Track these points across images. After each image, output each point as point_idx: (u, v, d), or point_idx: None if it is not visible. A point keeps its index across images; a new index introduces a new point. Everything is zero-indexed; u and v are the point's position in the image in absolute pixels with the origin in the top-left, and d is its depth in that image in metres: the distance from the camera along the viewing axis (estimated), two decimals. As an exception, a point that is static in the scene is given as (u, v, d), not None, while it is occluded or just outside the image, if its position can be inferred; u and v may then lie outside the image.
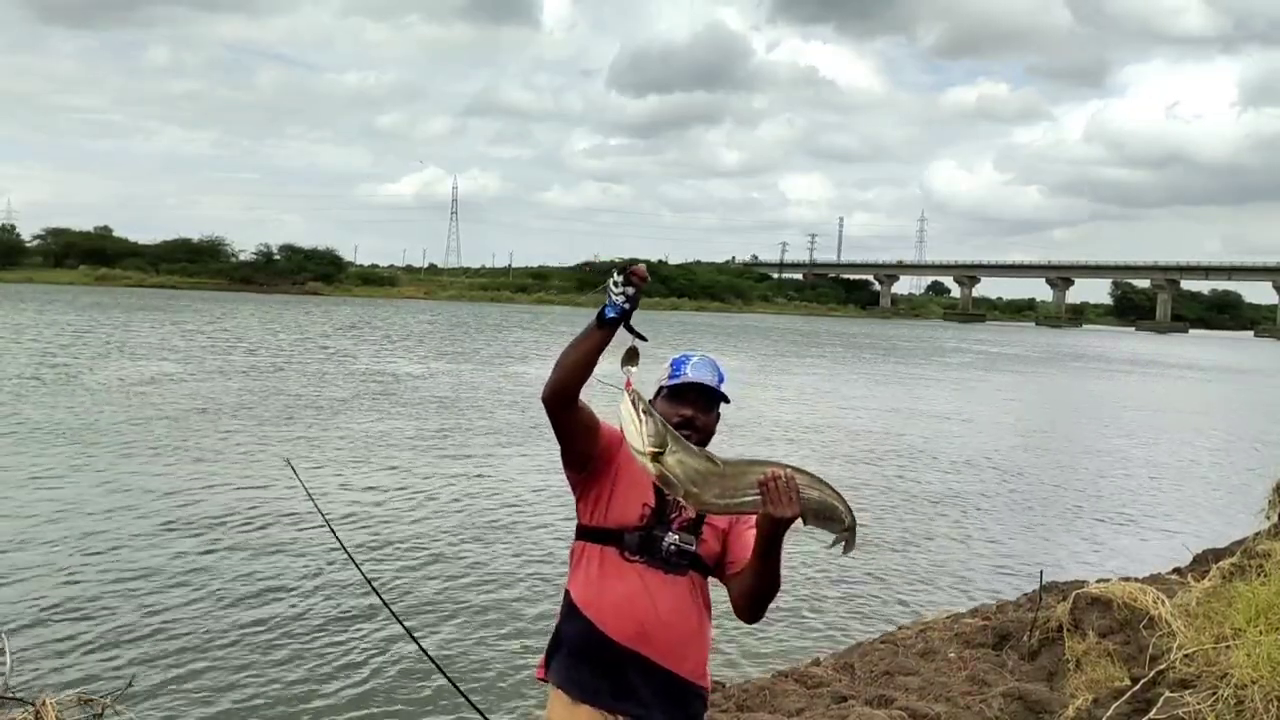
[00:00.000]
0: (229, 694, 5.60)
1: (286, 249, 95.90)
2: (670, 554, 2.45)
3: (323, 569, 7.95)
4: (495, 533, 9.45)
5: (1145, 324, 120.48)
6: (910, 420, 20.54)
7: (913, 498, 12.27)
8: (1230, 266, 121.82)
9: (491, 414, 17.59)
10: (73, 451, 12.14)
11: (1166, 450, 18.27)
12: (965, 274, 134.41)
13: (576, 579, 2.55)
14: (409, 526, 9.49)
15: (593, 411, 2.55)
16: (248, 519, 9.34)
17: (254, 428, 14.65)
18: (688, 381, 2.58)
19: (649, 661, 2.43)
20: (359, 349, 31.25)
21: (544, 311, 78.71)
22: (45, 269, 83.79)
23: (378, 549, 8.63)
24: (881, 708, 4.50)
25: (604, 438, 2.54)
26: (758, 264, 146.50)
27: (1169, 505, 12.91)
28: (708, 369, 2.64)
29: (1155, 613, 4.72)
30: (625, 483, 2.49)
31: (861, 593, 8.26)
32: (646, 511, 2.47)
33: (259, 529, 9.04)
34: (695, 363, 2.64)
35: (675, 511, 2.47)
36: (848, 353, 45.91)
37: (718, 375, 2.65)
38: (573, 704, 2.47)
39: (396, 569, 8.10)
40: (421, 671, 6.07)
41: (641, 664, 2.43)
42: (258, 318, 46.47)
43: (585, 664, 2.47)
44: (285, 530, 9.03)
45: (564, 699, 2.49)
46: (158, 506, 9.64)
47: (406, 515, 9.92)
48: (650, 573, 2.45)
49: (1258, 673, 3.42)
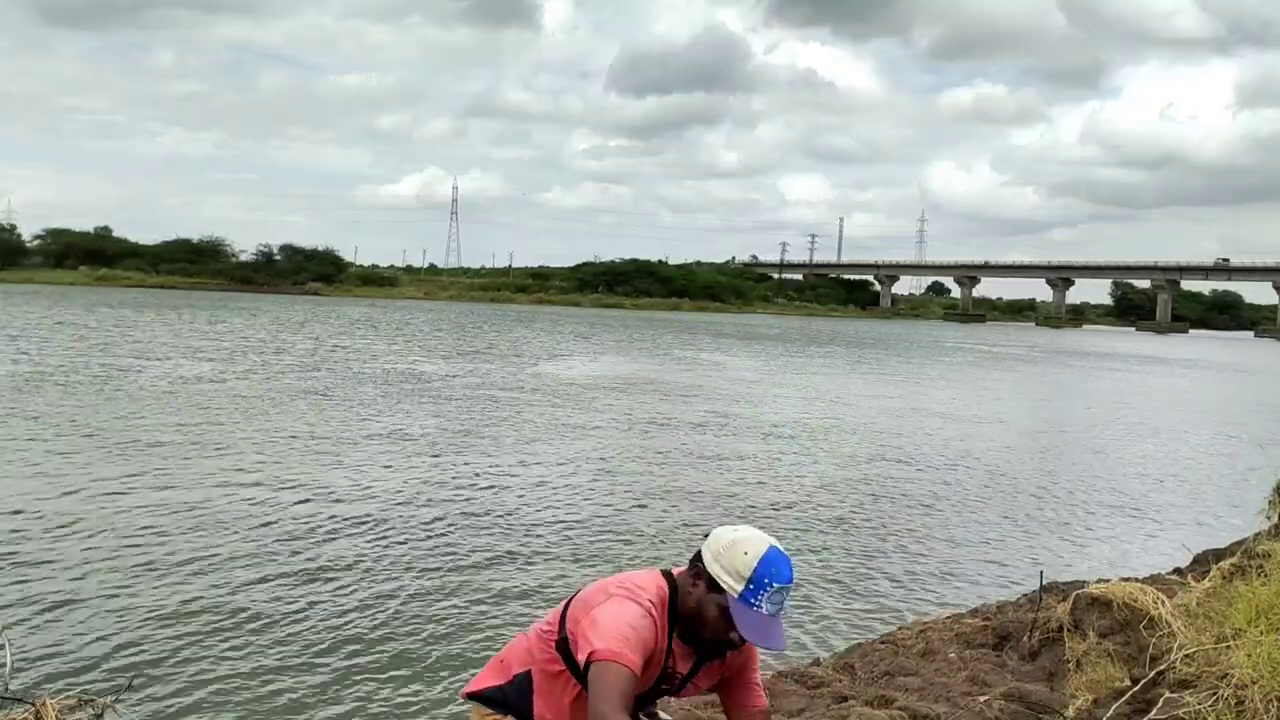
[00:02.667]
0: (229, 694, 5.59)
1: (287, 249, 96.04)
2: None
3: (326, 569, 7.96)
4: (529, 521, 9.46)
5: (1145, 324, 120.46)
6: (910, 419, 20.55)
7: (913, 497, 12.26)
8: (1230, 267, 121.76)
9: (523, 409, 17.62)
10: (73, 451, 12.14)
11: (1167, 449, 18.28)
12: (965, 274, 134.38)
13: (547, 696, 2.38)
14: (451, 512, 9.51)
15: (634, 688, 2.19)
16: (249, 518, 9.34)
17: (258, 426, 14.66)
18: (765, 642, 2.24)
19: None
20: (381, 348, 31.28)
21: (546, 311, 78.75)
22: (45, 269, 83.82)
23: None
24: (881, 708, 4.50)
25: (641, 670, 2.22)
26: (758, 264, 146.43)
27: (1169, 505, 12.91)
28: (780, 621, 2.24)
29: (1155, 613, 4.71)
30: (647, 669, 2.27)
31: (861, 593, 8.27)
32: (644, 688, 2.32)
33: (261, 529, 9.04)
34: (768, 612, 2.20)
35: (666, 685, 2.37)
36: (849, 351, 45.93)
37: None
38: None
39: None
40: (430, 675, 6.08)
41: None
42: (269, 316, 46.53)
43: None
44: (287, 530, 9.04)
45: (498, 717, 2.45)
46: (158, 506, 9.63)
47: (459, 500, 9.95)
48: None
49: (1258, 673, 3.41)
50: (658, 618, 2.24)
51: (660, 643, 2.26)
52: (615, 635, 2.16)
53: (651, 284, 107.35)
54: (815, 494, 11.96)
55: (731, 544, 2.22)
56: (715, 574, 2.21)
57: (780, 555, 2.21)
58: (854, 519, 10.88)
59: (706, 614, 2.23)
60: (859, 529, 10.46)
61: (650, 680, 2.31)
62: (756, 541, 2.22)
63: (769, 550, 2.21)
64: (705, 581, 2.23)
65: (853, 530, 10.39)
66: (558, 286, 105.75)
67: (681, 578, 2.32)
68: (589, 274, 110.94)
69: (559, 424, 16.93)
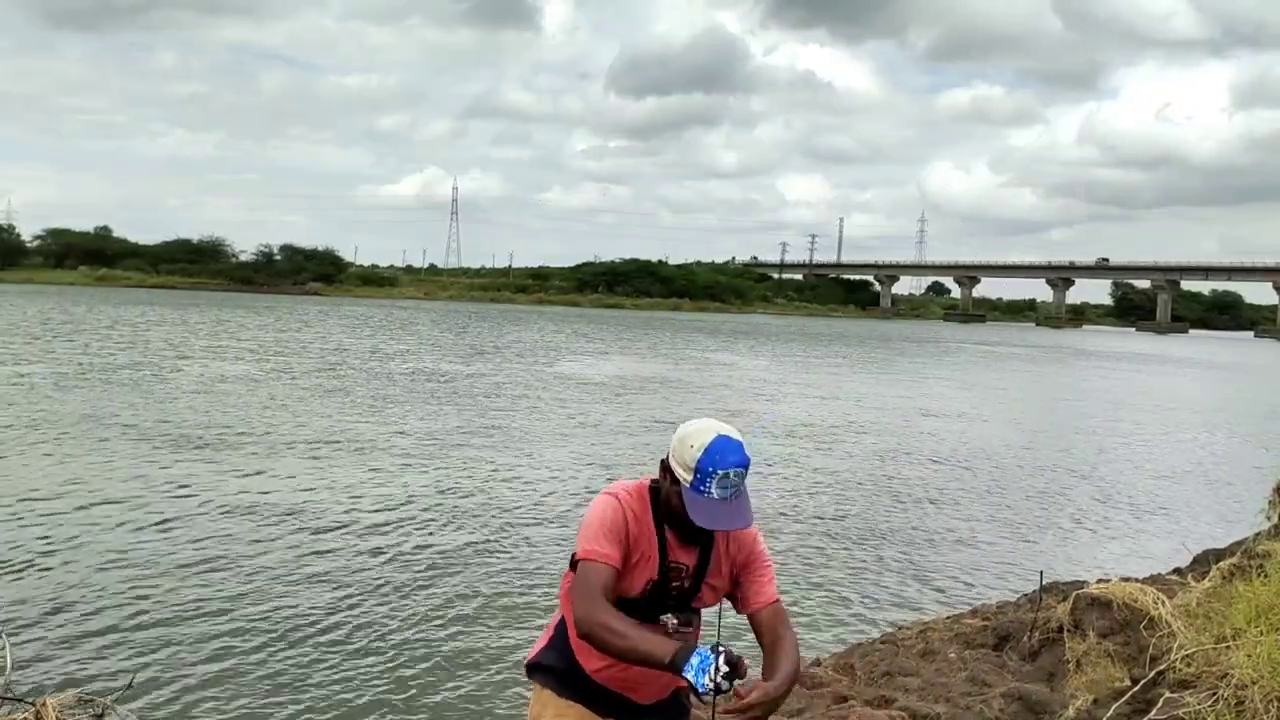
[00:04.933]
0: (229, 694, 5.59)
1: (287, 249, 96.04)
2: (670, 629, 2.45)
3: (326, 570, 7.95)
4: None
5: (1145, 324, 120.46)
6: (910, 418, 20.54)
7: (913, 497, 12.26)
8: (1230, 267, 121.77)
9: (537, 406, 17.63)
10: (74, 448, 12.15)
11: (1167, 449, 18.27)
12: (965, 274, 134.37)
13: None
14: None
15: (613, 579, 2.32)
16: (251, 518, 9.34)
17: (260, 425, 14.66)
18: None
19: (636, 704, 2.51)
20: (396, 347, 31.29)
21: (547, 312, 78.73)
22: (45, 269, 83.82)
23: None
24: (881, 708, 4.50)
25: (622, 558, 2.35)
26: (758, 264, 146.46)
27: (1169, 505, 12.91)
28: (737, 503, 2.30)
29: (1155, 613, 4.71)
30: (635, 562, 2.40)
31: (861, 593, 8.26)
32: (649, 585, 2.42)
33: (262, 528, 9.04)
34: (718, 496, 2.27)
35: (676, 582, 2.44)
36: (853, 350, 45.94)
37: (743, 492, 2.33)
38: (561, 700, 2.51)
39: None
40: (430, 676, 6.07)
41: (629, 704, 2.50)
42: (274, 314, 46.51)
43: (574, 691, 2.51)
44: (289, 530, 9.03)
45: (554, 696, 2.51)
46: (159, 505, 9.62)
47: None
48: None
49: (1258, 673, 3.42)
50: (631, 505, 2.38)
51: (642, 530, 2.38)
52: (584, 535, 2.34)
53: (651, 284, 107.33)
54: (816, 493, 11.96)
55: (683, 438, 2.33)
56: (672, 467, 2.35)
57: (727, 443, 2.29)
58: (855, 518, 10.88)
59: (673, 504, 2.35)
60: (859, 528, 10.46)
61: (651, 568, 2.39)
62: (703, 433, 2.31)
63: (715, 440, 2.29)
64: (669, 475, 2.37)
65: (853, 529, 10.39)
66: (558, 287, 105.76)
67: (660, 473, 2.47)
68: (589, 274, 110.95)
69: (575, 422, 16.95)
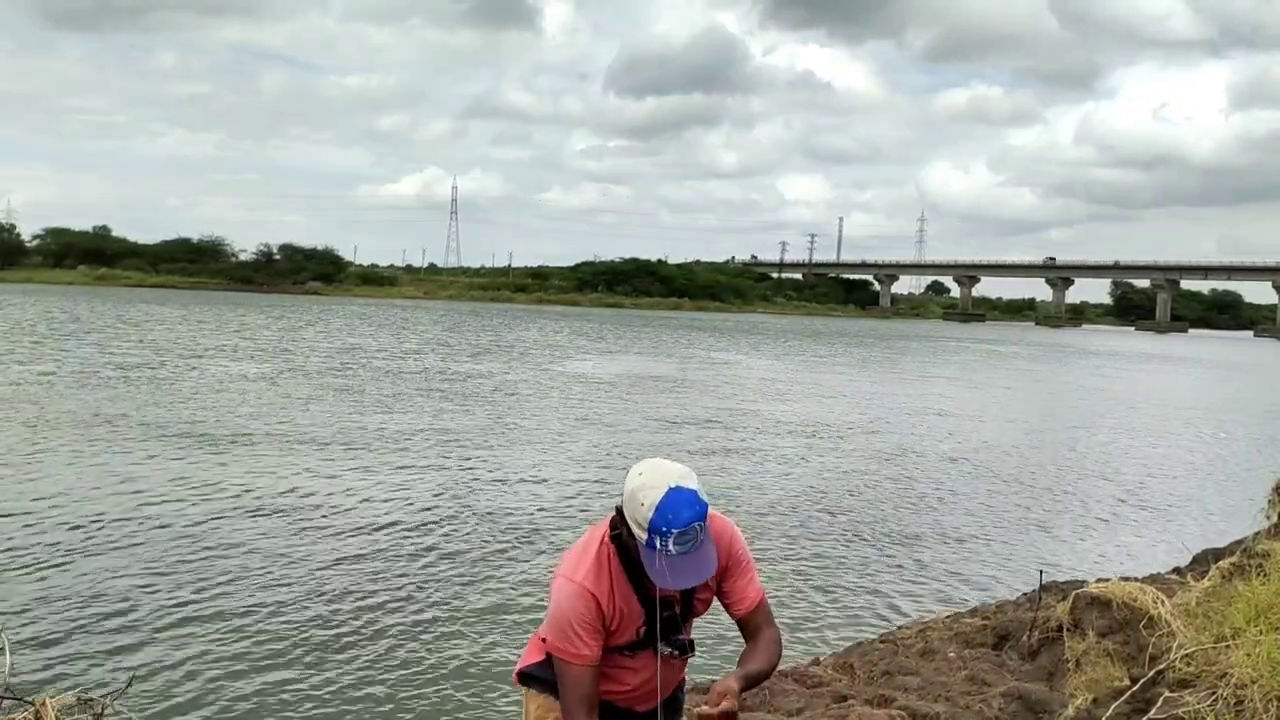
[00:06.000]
0: (229, 694, 5.59)
1: (286, 249, 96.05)
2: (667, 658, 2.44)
3: (326, 570, 7.95)
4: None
5: (1145, 324, 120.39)
6: (910, 417, 20.55)
7: (912, 496, 12.26)
8: (1230, 266, 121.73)
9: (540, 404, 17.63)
10: (74, 448, 12.15)
11: (1166, 448, 18.27)
12: (965, 274, 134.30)
13: None
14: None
15: (595, 675, 2.33)
16: (252, 518, 9.34)
17: (260, 426, 14.66)
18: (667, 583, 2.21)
19: (638, 714, 2.52)
20: (402, 346, 31.28)
21: (547, 311, 78.74)
22: (45, 269, 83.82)
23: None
24: (881, 707, 4.50)
25: (601, 642, 2.32)
26: (757, 264, 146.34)
27: (1169, 504, 12.91)
28: (698, 554, 2.19)
29: (1155, 612, 4.71)
30: (618, 626, 2.36)
31: (861, 592, 8.27)
32: (642, 628, 2.39)
33: (263, 529, 9.04)
34: (676, 552, 2.15)
35: (667, 611, 2.39)
36: (854, 350, 45.94)
37: (704, 542, 2.21)
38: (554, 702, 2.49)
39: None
40: (428, 678, 6.07)
41: (632, 714, 2.51)
42: (276, 313, 46.48)
43: None
44: (289, 530, 9.04)
45: (553, 700, 2.47)
46: (159, 505, 9.63)
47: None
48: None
49: (1257, 672, 3.42)
50: (598, 588, 2.27)
51: (616, 598, 2.29)
52: (556, 628, 2.28)
53: (651, 284, 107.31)
54: (817, 492, 11.96)
55: (633, 494, 2.19)
56: (628, 520, 2.22)
57: (679, 497, 2.14)
58: (855, 517, 10.88)
59: (635, 554, 2.24)
60: (859, 527, 10.46)
61: (637, 617, 2.34)
62: (653, 489, 2.16)
63: (665, 497, 2.14)
64: (625, 528, 2.25)
65: (853, 528, 10.39)
66: (557, 286, 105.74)
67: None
68: (589, 274, 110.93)
69: (581, 420, 16.94)
